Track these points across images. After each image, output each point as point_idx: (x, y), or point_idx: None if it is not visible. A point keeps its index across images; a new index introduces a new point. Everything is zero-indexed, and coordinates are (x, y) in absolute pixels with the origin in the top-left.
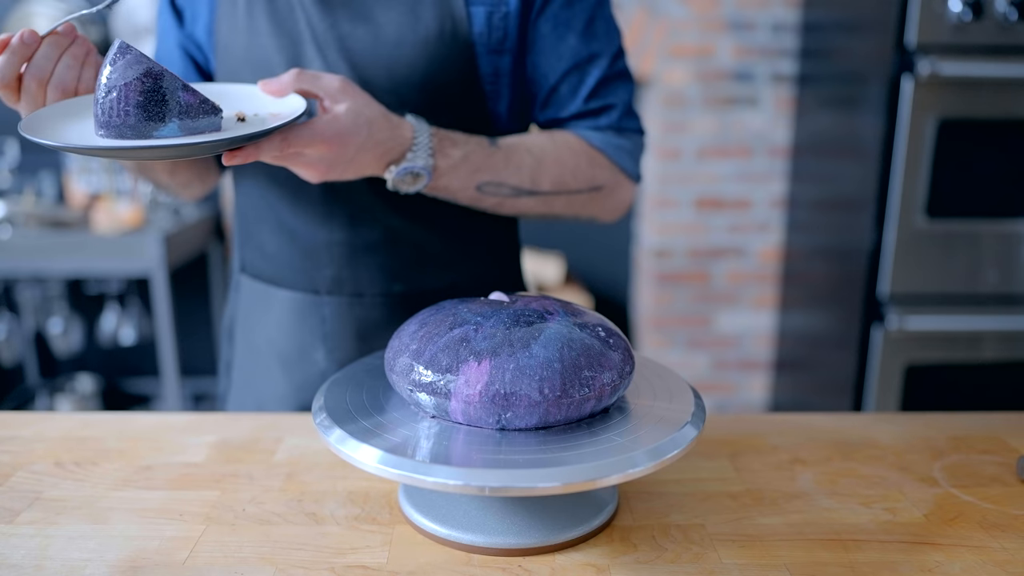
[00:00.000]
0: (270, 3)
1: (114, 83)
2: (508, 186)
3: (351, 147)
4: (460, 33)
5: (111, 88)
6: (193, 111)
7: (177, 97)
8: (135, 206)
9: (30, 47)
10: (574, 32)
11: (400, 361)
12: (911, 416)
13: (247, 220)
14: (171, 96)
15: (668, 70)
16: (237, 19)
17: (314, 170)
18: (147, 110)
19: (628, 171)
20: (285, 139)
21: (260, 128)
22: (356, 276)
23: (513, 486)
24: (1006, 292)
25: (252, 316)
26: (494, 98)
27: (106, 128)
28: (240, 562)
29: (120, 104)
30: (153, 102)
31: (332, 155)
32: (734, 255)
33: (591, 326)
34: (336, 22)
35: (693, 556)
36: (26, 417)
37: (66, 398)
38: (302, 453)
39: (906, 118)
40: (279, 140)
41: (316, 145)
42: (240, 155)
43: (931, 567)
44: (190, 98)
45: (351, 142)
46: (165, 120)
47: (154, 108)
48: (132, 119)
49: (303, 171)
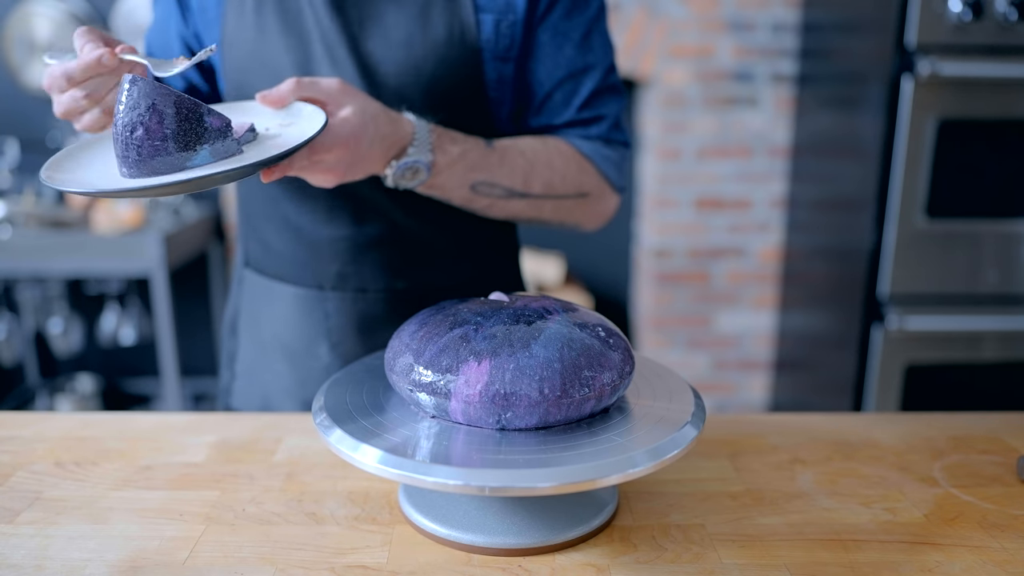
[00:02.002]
0: (280, 2)
1: (138, 119)
2: (501, 187)
3: (363, 145)
4: (468, 39)
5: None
6: (221, 134)
7: (204, 123)
8: (135, 206)
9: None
10: (572, 43)
11: (400, 361)
12: (911, 416)
13: (251, 216)
14: (198, 123)
15: (668, 70)
16: (245, 17)
17: (332, 174)
18: (178, 141)
19: (613, 181)
20: (311, 148)
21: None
22: (360, 272)
23: (513, 486)
24: (1006, 292)
25: (256, 310)
26: (497, 104)
27: (136, 167)
28: (240, 562)
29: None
30: (183, 132)
31: (349, 156)
32: (734, 255)
33: (591, 326)
34: (346, 23)
35: (693, 556)
36: (26, 417)
37: (66, 398)
38: (302, 453)
39: (906, 118)
40: (307, 151)
41: (336, 150)
42: (277, 171)
43: (931, 567)
44: (216, 122)
45: (363, 139)
46: (196, 148)
47: (185, 138)
48: (162, 153)
49: (321, 177)
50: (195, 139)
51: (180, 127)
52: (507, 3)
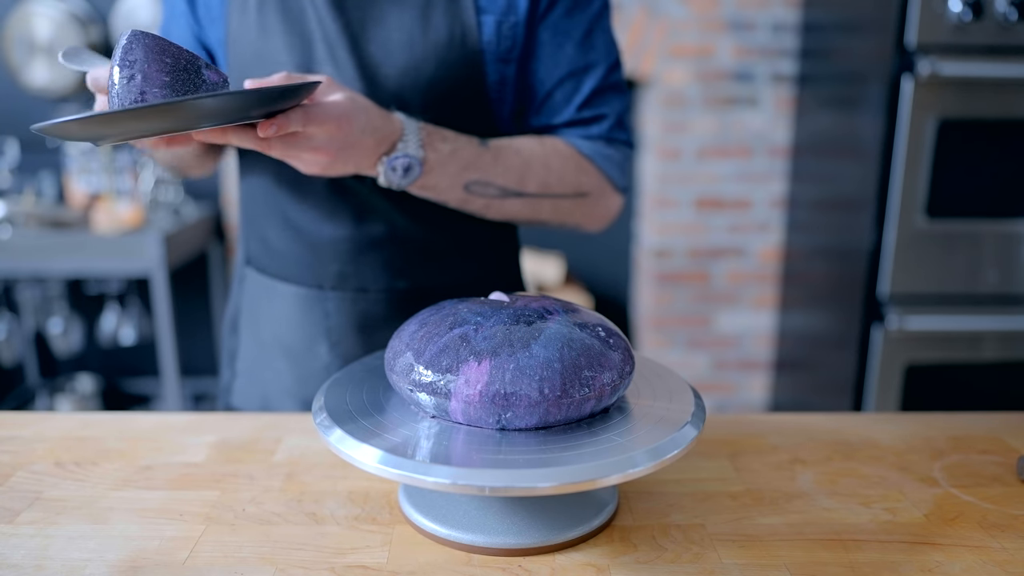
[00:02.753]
0: (282, 2)
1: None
2: (495, 186)
3: (355, 128)
4: (469, 41)
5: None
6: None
7: (203, 75)
8: (135, 206)
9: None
10: (572, 41)
11: (400, 361)
12: (911, 416)
13: (252, 215)
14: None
15: (668, 70)
16: (248, 17)
17: (322, 154)
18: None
19: (615, 181)
20: (306, 114)
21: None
22: (360, 272)
23: (513, 486)
24: (1006, 292)
25: (257, 309)
26: (498, 105)
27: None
28: (240, 562)
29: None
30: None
31: (341, 136)
32: (734, 255)
33: (591, 326)
34: (348, 23)
35: (693, 556)
36: (26, 417)
37: (66, 398)
38: (302, 453)
39: (906, 118)
40: (302, 114)
41: (327, 124)
42: (275, 123)
43: (931, 567)
44: (214, 76)
45: (354, 123)
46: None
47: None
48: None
49: (311, 156)
50: (192, 90)
51: (177, 77)
52: (508, 4)
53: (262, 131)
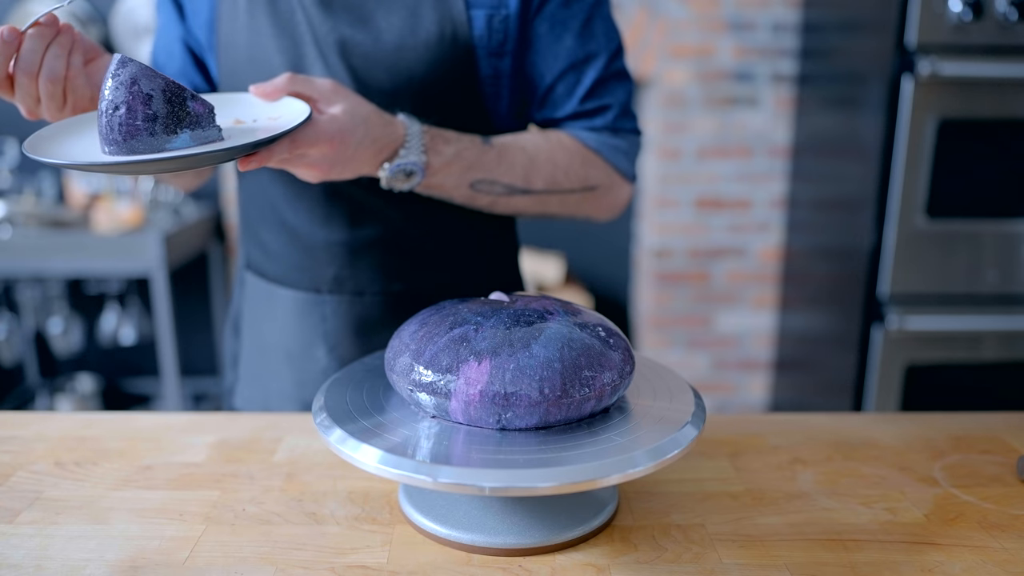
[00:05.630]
0: (271, 4)
1: (122, 98)
2: (501, 184)
3: (351, 145)
4: (460, 36)
5: (118, 104)
6: (203, 120)
7: (187, 107)
8: (135, 206)
9: (12, 44)
10: (571, 32)
11: (400, 361)
12: (911, 416)
13: (250, 220)
14: (181, 107)
15: (668, 70)
16: (238, 18)
17: (316, 170)
18: (159, 123)
19: (623, 171)
20: (293, 141)
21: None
22: (356, 275)
23: (513, 486)
24: (1006, 292)
25: (257, 313)
26: (494, 99)
27: (116, 145)
28: (240, 562)
29: (131, 119)
30: (165, 114)
31: (334, 154)
32: (734, 255)
33: (591, 326)
34: (336, 25)
35: (693, 556)
36: (26, 417)
37: (66, 398)
38: (302, 453)
39: (906, 118)
40: (288, 143)
41: (320, 145)
42: (255, 160)
43: (931, 567)
44: (199, 107)
45: (350, 140)
46: (178, 132)
47: (166, 121)
48: (144, 133)
49: (305, 172)
50: (176, 122)
51: (163, 109)
52: None
53: (242, 167)
